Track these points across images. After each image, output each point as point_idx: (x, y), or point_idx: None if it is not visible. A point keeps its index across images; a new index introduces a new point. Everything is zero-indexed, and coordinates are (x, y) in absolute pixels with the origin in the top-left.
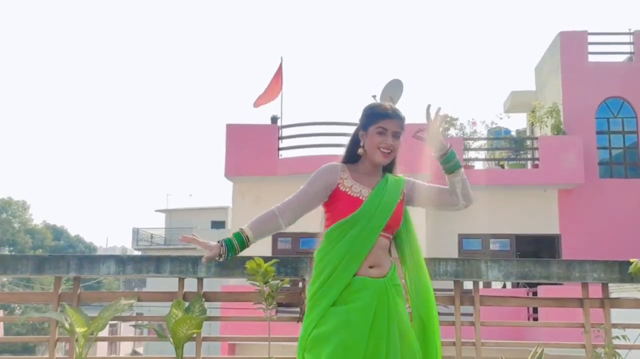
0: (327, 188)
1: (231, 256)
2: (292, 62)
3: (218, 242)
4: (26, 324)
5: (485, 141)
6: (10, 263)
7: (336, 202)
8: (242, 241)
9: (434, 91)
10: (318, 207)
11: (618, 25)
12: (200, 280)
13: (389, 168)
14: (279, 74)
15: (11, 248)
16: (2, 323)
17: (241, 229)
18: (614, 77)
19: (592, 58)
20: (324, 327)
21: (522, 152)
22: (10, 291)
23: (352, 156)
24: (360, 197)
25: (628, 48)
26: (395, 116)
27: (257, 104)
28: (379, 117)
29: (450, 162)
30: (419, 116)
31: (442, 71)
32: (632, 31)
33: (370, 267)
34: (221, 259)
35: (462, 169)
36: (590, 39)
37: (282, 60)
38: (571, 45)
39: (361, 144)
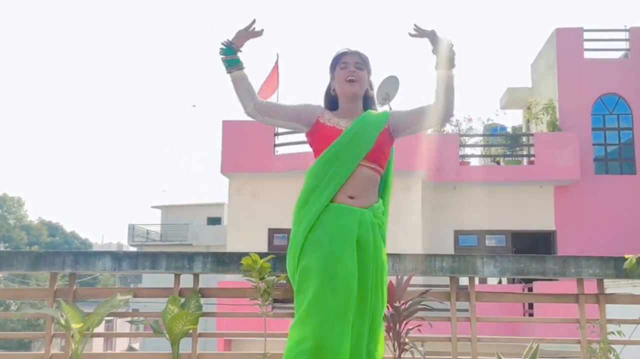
0: (307, 114)
1: (226, 54)
2: (288, 58)
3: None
4: (22, 321)
5: (481, 138)
6: (6, 259)
7: (316, 134)
8: (237, 61)
9: (430, 87)
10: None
11: (614, 22)
12: (196, 276)
13: (368, 106)
14: (275, 70)
15: (6, 244)
16: None
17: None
18: (609, 74)
19: (587, 55)
20: (306, 260)
21: (518, 148)
22: (5, 287)
23: (330, 107)
24: (338, 127)
25: (624, 45)
26: (353, 52)
27: None
28: (339, 58)
29: (451, 59)
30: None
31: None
32: (627, 28)
33: (350, 197)
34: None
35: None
36: (586, 35)
37: (278, 56)
38: (567, 42)
39: (332, 89)
